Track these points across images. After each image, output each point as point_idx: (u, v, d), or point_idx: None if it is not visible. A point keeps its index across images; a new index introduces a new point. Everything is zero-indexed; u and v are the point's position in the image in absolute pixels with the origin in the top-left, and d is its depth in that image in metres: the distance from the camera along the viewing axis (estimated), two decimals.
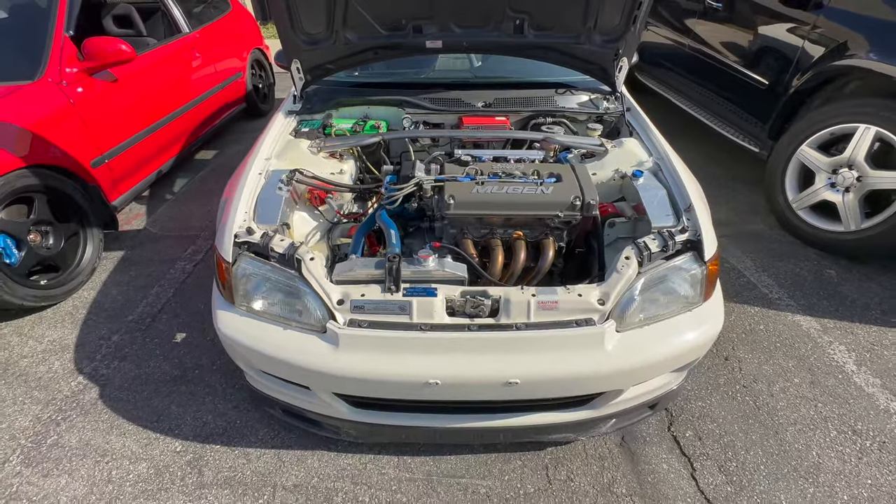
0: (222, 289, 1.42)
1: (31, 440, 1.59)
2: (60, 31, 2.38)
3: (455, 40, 1.97)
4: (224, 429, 1.63)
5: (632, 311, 1.31)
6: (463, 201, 1.46)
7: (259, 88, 4.53)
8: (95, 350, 1.95)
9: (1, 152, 1.93)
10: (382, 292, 1.29)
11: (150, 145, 2.86)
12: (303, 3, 1.79)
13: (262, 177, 1.64)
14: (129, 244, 2.64)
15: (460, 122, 2.00)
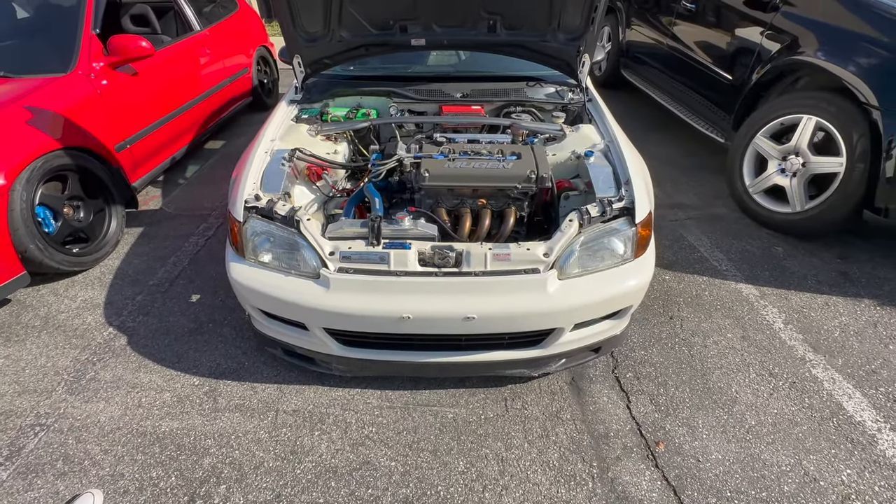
0: (234, 246, 1.71)
1: (72, 375, 1.89)
2: (88, 30, 2.67)
3: (436, 38, 2.24)
4: (234, 369, 1.92)
5: (571, 262, 1.58)
6: (436, 174, 1.73)
7: (264, 83, 4.81)
8: (122, 307, 2.24)
9: (42, 135, 2.23)
10: (366, 245, 1.58)
11: (165, 134, 3.15)
12: (303, 5, 2.07)
13: (268, 155, 1.92)
14: (148, 221, 2.94)
15: (441, 110, 2.27)
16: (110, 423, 1.69)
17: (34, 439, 1.64)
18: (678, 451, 1.59)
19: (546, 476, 1.52)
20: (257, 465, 1.56)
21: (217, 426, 1.68)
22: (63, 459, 1.57)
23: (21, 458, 1.58)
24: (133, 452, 1.60)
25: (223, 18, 4.16)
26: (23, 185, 2.10)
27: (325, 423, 1.69)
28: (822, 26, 2.68)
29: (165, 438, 1.64)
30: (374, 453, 1.59)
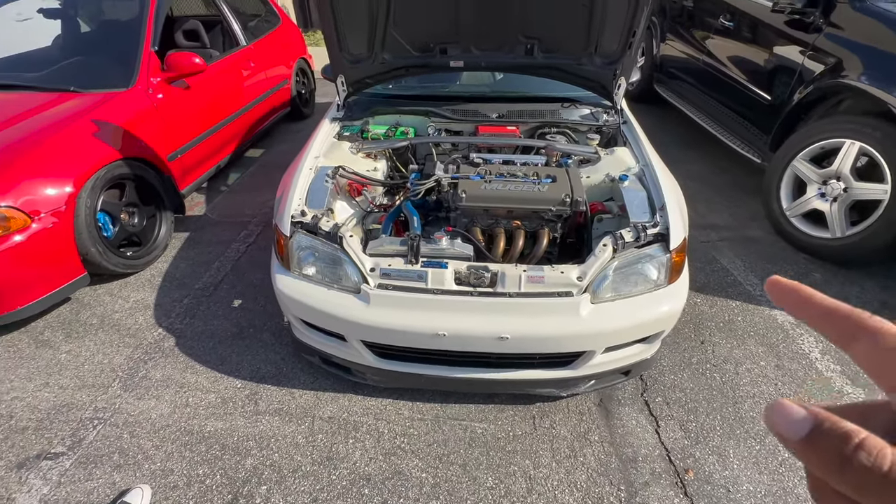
0: (280, 258, 1.81)
1: (126, 373, 2.02)
2: (148, 47, 2.86)
3: (475, 60, 2.32)
4: (274, 373, 2.02)
5: (604, 287, 1.61)
6: (473, 195, 1.79)
7: (302, 94, 4.99)
8: (171, 309, 2.39)
9: (105, 147, 2.40)
10: (405, 263, 1.65)
11: (212, 143, 3.32)
12: (349, 30, 2.17)
13: (312, 171, 2.02)
14: (193, 227, 3.10)
15: (477, 130, 2.34)
16: (161, 420, 1.81)
17: (93, 431, 1.77)
18: (708, 480, 1.59)
19: (573, 497, 1.54)
20: (295, 468, 1.64)
21: (258, 429, 1.78)
22: (119, 452, 1.70)
23: (82, 448, 1.71)
24: (181, 449, 1.71)
25: (267, 33, 4.35)
26: (87, 193, 2.27)
27: (358, 432, 1.77)
28: (868, 50, 2.62)
29: (211, 438, 1.75)
30: (405, 464, 1.65)
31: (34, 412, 1.85)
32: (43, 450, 1.71)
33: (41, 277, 2.15)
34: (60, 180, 2.17)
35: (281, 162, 4.04)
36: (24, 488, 1.58)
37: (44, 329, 2.25)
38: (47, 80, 2.77)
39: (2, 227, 1.98)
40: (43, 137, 2.27)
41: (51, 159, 2.19)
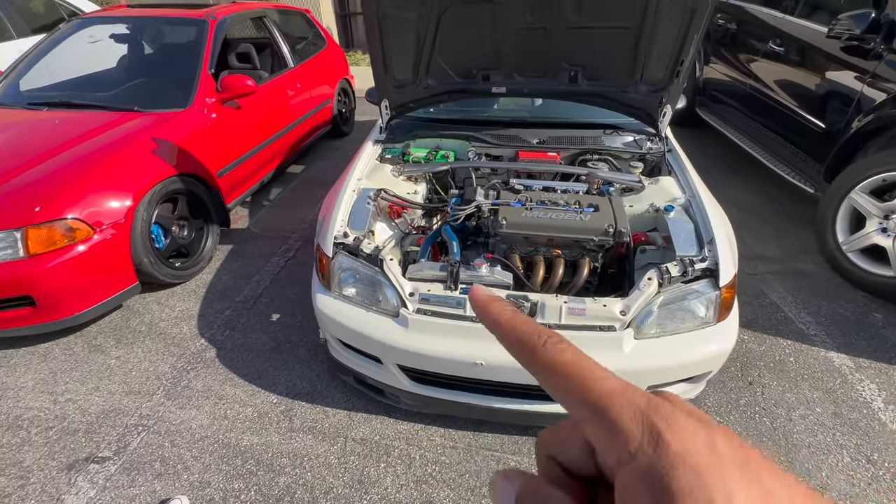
0: (321, 277, 1.85)
1: (169, 381, 2.10)
2: (206, 70, 3.04)
3: (517, 86, 2.33)
4: (308, 391, 2.04)
5: (649, 323, 1.56)
6: (513, 222, 1.79)
7: (342, 113, 5.15)
8: (213, 321, 2.47)
9: (163, 163, 2.55)
10: (444, 289, 1.65)
11: (258, 160, 3.47)
12: (396, 56, 2.24)
13: (355, 193, 2.07)
14: (236, 240, 3.22)
15: (517, 155, 2.34)
16: (200, 431, 1.86)
17: (137, 438, 1.84)
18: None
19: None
20: (327, 489, 1.64)
21: (292, 446, 1.80)
22: (160, 461, 1.75)
23: (126, 454, 1.77)
24: (218, 462, 1.74)
25: (313, 55, 4.54)
26: (145, 207, 2.40)
27: (390, 456, 1.76)
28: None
29: (246, 452, 1.78)
30: (437, 493, 1.63)
31: (85, 415, 1.94)
32: (91, 453, 1.78)
33: (98, 285, 2.27)
34: (122, 194, 2.31)
35: (321, 178, 4.18)
36: (73, 490, 1.65)
37: (97, 334, 2.38)
38: (114, 100, 2.98)
39: (67, 237, 2.12)
40: (108, 154, 2.43)
41: (114, 175, 2.34)
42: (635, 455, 0.19)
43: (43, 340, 2.32)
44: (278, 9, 4.43)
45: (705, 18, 1.90)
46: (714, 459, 0.18)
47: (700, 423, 0.20)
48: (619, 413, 0.21)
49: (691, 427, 0.20)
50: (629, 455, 0.20)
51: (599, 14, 1.97)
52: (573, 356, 0.24)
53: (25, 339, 2.30)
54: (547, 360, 0.25)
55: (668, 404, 0.21)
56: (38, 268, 2.04)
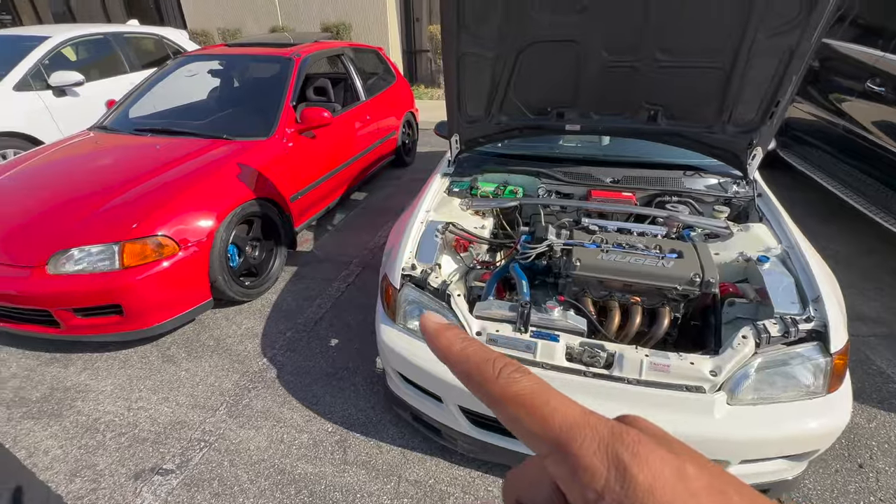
0: (386, 308, 1.84)
1: (232, 398, 2.15)
2: (288, 102, 3.25)
3: (592, 125, 2.28)
4: (363, 422, 2.01)
5: (745, 387, 1.39)
6: (588, 265, 1.70)
7: (406, 144, 5.33)
8: (275, 340, 2.53)
9: (244, 187, 2.71)
10: (513, 331, 1.58)
11: (326, 187, 3.62)
12: (470, 93, 2.27)
13: (423, 225, 2.08)
14: (301, 262, 3.34)
15: (589, 194, 2.26)
16: (257, 454, 1.87)
17: (199, 454, 1.87)
18: None
19: None
20: None
21: (345, 480, 1.75)
22: (218, 480, 1.76)
23: (188, 469, 1.81)
24: (273, 488, 1.73)
25: (383, 90, 4.77)
26: (225, 227, 2.55)
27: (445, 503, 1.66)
28: None
29: (300, 481, 1.75)
30: None
31: (154, 424, 2.02)
32: (156, 464, 1.83)
33: (178, 299, 2.41)
34: (206, 215, 2.47)
35: (382, 206, 4.30)
36: (138, 500, 1.70)
37: (170, 345, 2.50)
38: (206, 128, 3.25)
39: (157, 252, 2.28)
40: (197, 178, 2.62)
41: (201, 197, 2.52)
42: (602, 494, 0.18)
43: (124, 347, 2.47)
44: (354, 47, 4.72)
45: (806, 59, 1.78)
46: (684, 490, 0.18)
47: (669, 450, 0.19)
48: (582, 447, 0.19)
49: (659, 457, 0.19)
50: (596, 494, 0.18)
51: (688, 53, 1.89)
52: (529, 385, 0.23)
53: (109, 345, 2.47)
54: (500, 390, 0.23)
55: (634, 432, 0.20)
56: (129, 279, 2.20)
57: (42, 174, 2.79)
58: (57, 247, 2.19)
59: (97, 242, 2.20)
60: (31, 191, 2.60)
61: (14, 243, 2.26)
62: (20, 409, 2.11)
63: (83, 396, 2.17)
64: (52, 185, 2.65)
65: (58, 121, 4.37)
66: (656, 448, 0.19)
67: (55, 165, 2.89)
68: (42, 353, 2.44)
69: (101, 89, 4.70)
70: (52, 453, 1.89)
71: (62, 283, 2.15)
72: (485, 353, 0.25)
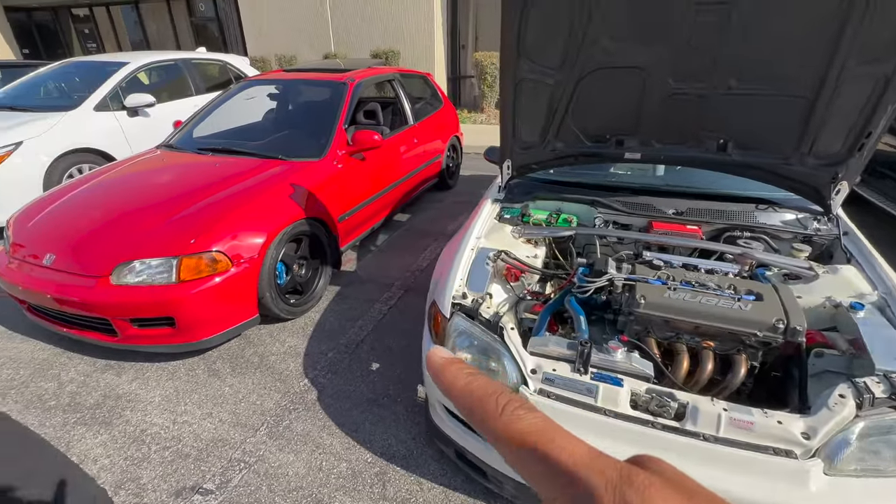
0: (434, 337, 1.77)
1: (273, 419, 2.13)
2: (341, 125, 3.34)
3: (653, 154, 2.18)
4: (403, 454, 1.93)
5: (845, 456, 1.22)
6: (653, 303, 1.57)
7: (449, 167, 5.36)
8: (317, 361, 2.52)
9: (296, 206, 2.77)
10: (572, 371, 1.47)
11: (372, 208, 3.65)
12: (526, 119, 2.23)
13: (473, 252, 2.02)
14: (344, 282, 3.35)
15: (649, 225, 2.14)
16: (296, 480, 1.82)
17: (238, 475, 1.85)
18: None
19: None
20: None
21: None
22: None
23: (227, 491, 1.78)
24: None
25: (431, 114, 4.84)
26: (275, 245, 2.60)
27: None
28: None
29: None
30: None
31: (197, 440, 2.02)
32: (197, 483, 1.82)
33: (227, 314, 2.45)
34: (259, 233, 2.53)
35: (425, 228, 4.29)
36: None
37: (216, 360, 2.54)
38: (262, 149, 3.37)
39: (211, 267, 2.33)
40: (252, 196, 2.70)
41: (255, 215, 2.58)
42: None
43: (173, 359, 2.53)
44: (404, 72, 4.84)
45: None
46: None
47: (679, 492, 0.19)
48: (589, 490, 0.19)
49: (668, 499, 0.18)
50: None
51: (766, 80, 1.77)
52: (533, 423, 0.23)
53: (159, 356, 2.53)
54: (502, 427, 0.23)
55: (644, 474, 0.20)
56: (184, 293, 2.26)
57: (112, 188, 2.97)
58: (121, 258, 2.29)
59: (158, 256, 2.29)
60: (101, 204, 2.76)
61: (83, 253, 2.39)
62: (75, 414, 2.17)
63: (132, 406, 2.22)
64: (120, 198, 2.80)
65: (129, 139, 4.70)
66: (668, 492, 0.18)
67: (124, 180, 3.07)
68: (98, 360, 2.53)
69: (169, 110, 5.03)
70: (100, 462, 1.92)
71: (123, 293, 2.23)
72: (489, 388, 0.25)
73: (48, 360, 2.55)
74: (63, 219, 2.65)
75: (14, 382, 2.38)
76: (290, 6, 10.18)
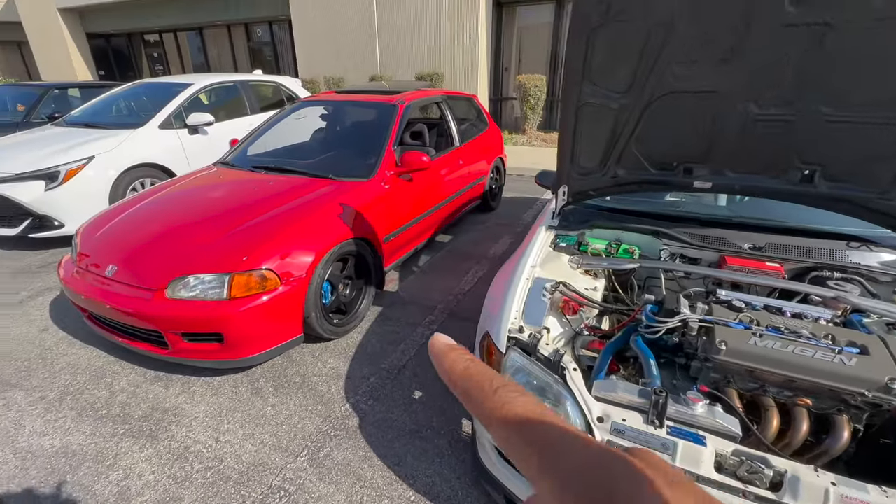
0: None
1: (314, 444, 2.07)
2: (391, 146, 3.35)
3: (727, 183, 2.01)
4: (448, 496, 1.81)
5: None
6: (737, 350, 1.41)
7: (492, 189, 5.29)
8: (358, 385, 2.46)
9: (345, 226, 2.77)
10: (644, 423, 1.33)
11: (417, 228, 3.63)
12: (586, 144, 2.13)
13: (528, 282, 1.91)
14: (386, 303, 3.31)
15: (722, 260, 1.97)
16: None
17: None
18: None
19: None
20: None
21: None
22: None
23: None
24: None
25: (477, 135, 4.83)
26: (323, 265, 2.59)
27: None
28: None
29: None
30: None
31: (238, 462, 1.98)
32: None
33: (273, 332, 2.44)
34: (308, 252, 2.53)
35: (467, 250, 4.22)
36: None
37: (259, 377, 2.53)
38: (313, 168, 3.43)
39: (260, 285, 2.34)
40: (302, 215, 2.72)
41: (305, 234, 2.59)
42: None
43: (218, 374, 2.54)
44: (451, 94, 4.86)
45: None
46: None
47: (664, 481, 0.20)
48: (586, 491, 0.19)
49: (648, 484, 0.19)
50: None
51: (865, 105, 1.61)
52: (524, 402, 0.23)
53: (205, 371, 2.55)
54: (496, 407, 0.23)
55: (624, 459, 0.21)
56: (233, 310, 2.27)
57: (172, 203, 3.08)
58: (177, 272, 2.34)
59: (211, 272, 2.32)
60: (161, 218, 2.86)
61: (142, 266, 2.46)
62: (124, 425, 2.20)
63: (178, 421, 2.22)
64: (178, 213, 2.90)
65: (188, 155, 4.94)
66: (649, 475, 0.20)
67: (183, 196, 3.18)
68: (149, 371, 2.58)
69: (226, 129, 5.27)
70: (145, 478, 1.91)
71: (177, 307, 2.27)
72: (486, 373, 0.27)
73: (103, 367, 2.62)
74: (126, 231, 2.76)
75: (71, 388, 2.45)
76: (341, 32, 10.63)
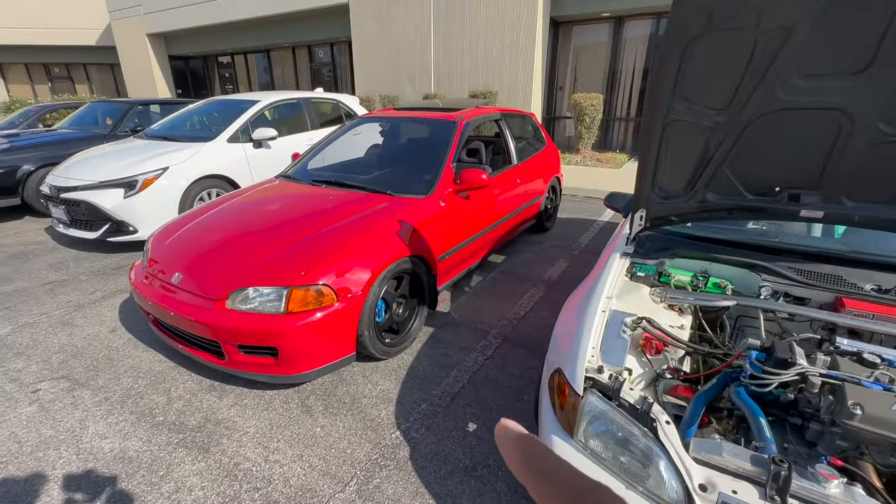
0: (557, 410, 1.50)
1: (363, 473, 1.96)
2: (450, 164, 3.28)
3: (842, 212, 1.75)
4: None
5: None
6: (876, 417, 1.17)
7: (548, 209, 5.11)
8: (410, 411, 2.34)
9: (401, 244, 2.70)
10: (761, 498, 1.11)
11: (471, 248, 3.51)
12: (671, 165, 1.93)
13: (605, 314, 1.73)
14: (438, 324, 3.20)
15: (838, 303, 1.70)
16: None
17: None
18: None
19: None
20: None
21: None
22: None
23: None
24: None
25: (534, 154, 4.69)
26: (379, 282, 2.52)
27: None
28: None
29: None
30: None
31: (286, 485, 1.91)
32: None
33: (326, 349, 2.39)
34: (365, 268, 2.47)
35: (520, 272, 4.05)
36: None
37: (309, 395, 2.47)
38: (372, 183, 3.42)
39: (317, 300, 2.30)
40: (361, 231, 2.68)
41: (363, 250, 2.54)
42: None
43: (269, 388, 2.51)
44: (509, 112, 4.77)
45: None
46: None
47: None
48: None
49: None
50: None
51: None
52: None
53: (258, 384, 2.53)
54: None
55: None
56: (290, 324, 2.23)
57: (236, 214, 3.16)
58: (237, 284, 2.35)
59: (270, 285, 2.31)
60: (225, 229, 2.92)
61: (205, 276, 2.50)
62: (178, 434, 2.19)
63: (229, 434, 2.19)
64: (241, 225, 2.95)
65: (252, 168, 5.14)
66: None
67: (247, 207, 3.25)
68: (204, 380, 2.59)
69: (287, 143, 5.46)
70: (195, 493, 1.87)
71: (236, 318, 2.27)
72: None
73: (162, 373, 2.67)
74: (192, 241, 2.83)
75: (132, 392, 2.51)
76: (397, 52, 10.93)
